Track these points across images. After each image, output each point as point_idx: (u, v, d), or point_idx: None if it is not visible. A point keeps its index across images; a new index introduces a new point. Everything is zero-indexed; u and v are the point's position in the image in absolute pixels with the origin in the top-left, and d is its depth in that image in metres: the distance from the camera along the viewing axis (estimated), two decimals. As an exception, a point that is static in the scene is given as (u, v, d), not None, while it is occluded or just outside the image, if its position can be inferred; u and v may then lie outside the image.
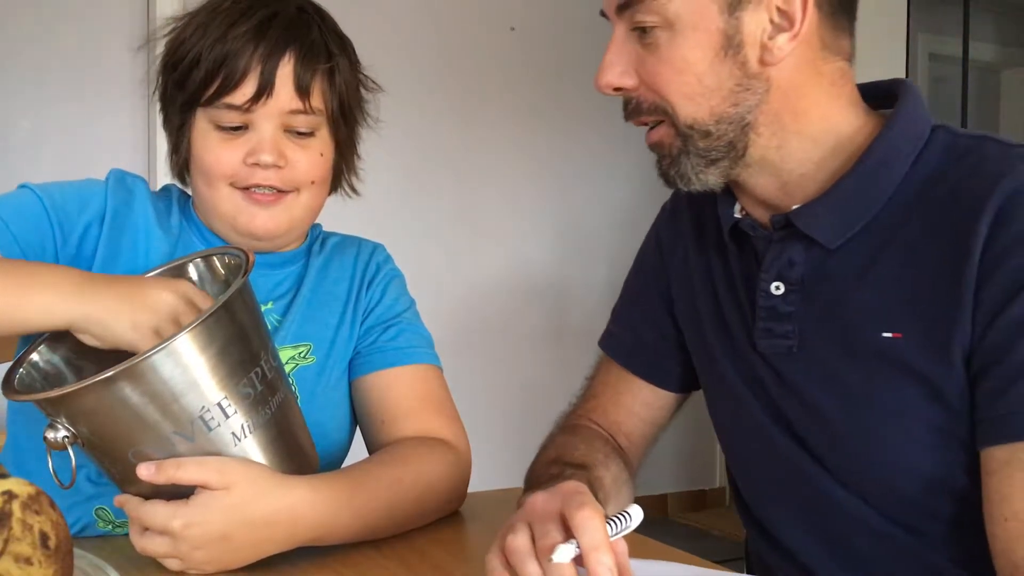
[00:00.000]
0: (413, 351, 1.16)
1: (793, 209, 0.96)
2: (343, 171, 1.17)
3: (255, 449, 0.90)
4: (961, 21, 4.55)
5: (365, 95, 1.16)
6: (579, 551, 0.70)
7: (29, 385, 0.93)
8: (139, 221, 1.09)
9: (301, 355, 1.12)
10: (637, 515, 0.75)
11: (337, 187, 1.18)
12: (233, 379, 0.87)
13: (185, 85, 1.06)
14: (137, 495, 0.88)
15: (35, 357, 0.95)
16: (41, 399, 0.85)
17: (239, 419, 0.88)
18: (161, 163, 1.19)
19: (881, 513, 0.94)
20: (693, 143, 0.94)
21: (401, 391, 1.13)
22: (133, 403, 0.83)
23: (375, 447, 1.13)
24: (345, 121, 1.12)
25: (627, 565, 0.73)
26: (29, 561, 0.68)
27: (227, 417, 0.87)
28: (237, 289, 0.88)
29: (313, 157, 1.08)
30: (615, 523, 0.73)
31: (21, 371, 0.93)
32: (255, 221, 1.08)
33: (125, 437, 0.85)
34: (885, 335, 0.90)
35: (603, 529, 0.71)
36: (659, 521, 3.71)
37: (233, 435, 0.88)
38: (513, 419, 3.26)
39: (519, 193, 3.54)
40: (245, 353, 0.89)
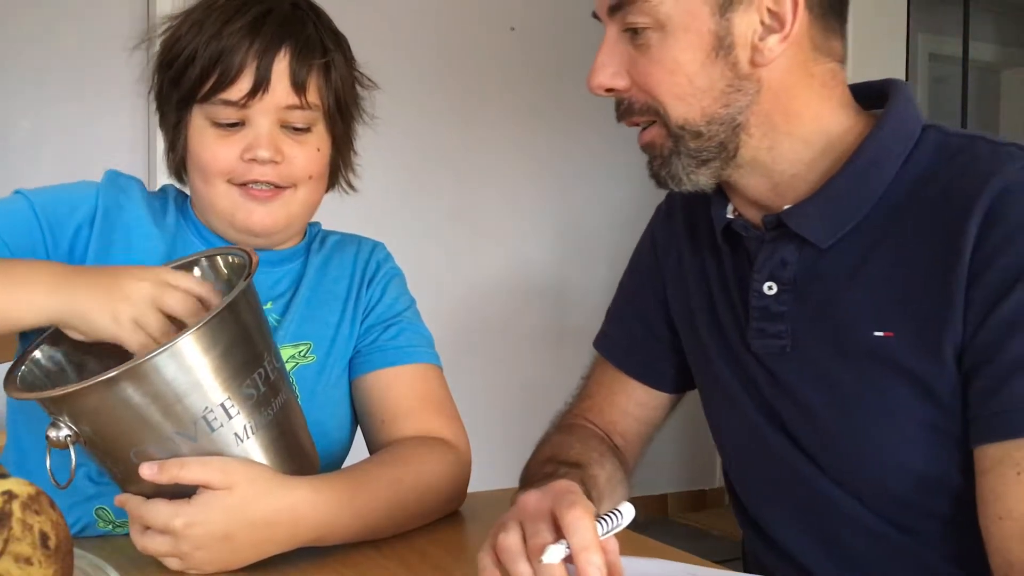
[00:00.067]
0: (413, 350, 1.16)
1: (784, 209, 0.96)
2: (340, 167, 1.17)
3: (257, 450, 0.89)
4: (961, 21, 4.55)
5: (361, 92, 1.16)
6: (569, 551, 0.71)
7: (31, 383, 0.92)
8: (131, 220, 1.09)
9: (301, 354, 1.12)
10: (628, 513, 0.75)
11: (334, 184, 1.19)
12: (237, 380, 0.87)
13: (181, 82, 1.06)
14: (138, 494, 0.88)
15: (37, 354, 0.94)
16: (44, 398, 0.85)
17: (242, 420, 0.88)
18: (161, 163, 1.19)
19: (875, 512, 0.94)
20: (684, 144, 0.94)
21: (401, 391, 1.13)
22: (136, 403, 0.83)
23: (375, 446, 1.13)
24: (341, 117, 1.13)
25: (618, 563, 0.73)
26: (29, 561, 0.68)
27: (230, 418, 0.87)
28: (242, 290, 0.88)
29: (310, 153, 1.09)
30: (606, 521, 0.74)
31: (23, 368, 0.92)
32: (252, 217, 1.08)
33: (128, 436, 0.85)
34: (877, 334, 0.91)
35: (593, 529, 0.71)
36: (659, 521, 3.71)
37: (236, 436, 0.88)
38: (513, 419, 3.26)
39: (519, 193, 3.54)
40: (249, 354, 0.89)
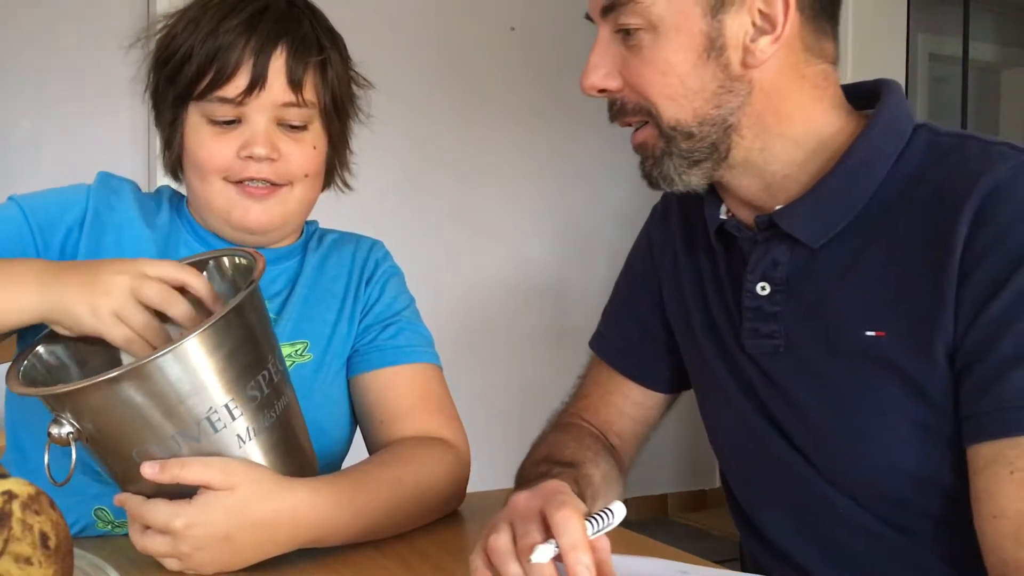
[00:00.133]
0: (412, 350, 1.16)
1: (776, 210, 0.96)
2: (336, 166, 1.17)
3: (259, 451, 0.90)
4: (961, 21, 4.54)
5: (357, 92, 1.16)
6: (558, 550, 0.71)
7: (34, 378, 0.92)
8: (122, 220, 1.10)
9: (298, 352, 1.12)
10: (620, 512, 0.75)
11: (330, 183, 1.19)
12: (241, 382, 0.87)
13: (177, 80, 1.06)
14: (138, 494, 0.88)
15: (40, 349, 0.94)
16: (47, 394, 0.85)
17: (245, 421, 0.88)
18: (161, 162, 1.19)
19: (870, 512, 0.94)
20: (676, 144, 0.94)
21: (400, 390, 1.13)
22: (140, 402, 0.83)
23: (374, 446, 1.13)
24: (337, 115, 1.13)
25: (609, 562, 0.73)
26: (29, 561, 0.68)
27: (233, 419, 0.87)
28: (248, 293, 0.88)
29: (306, 150, 1.09)
30: (597, 521, 0.74)
31: (25, 363, 0.92)
32: (249, 215, 1.08)
33: (130, 435, 0.85)
34: (868, 334, 0.91)
35: (581, 528, 0.71)
36: (659, 521, 3.71)
37: (238, 437, 0.88)
38: (513, 419, 3.25)
39: (519, 193, 3.55)
40: (254, 356, 0.89)
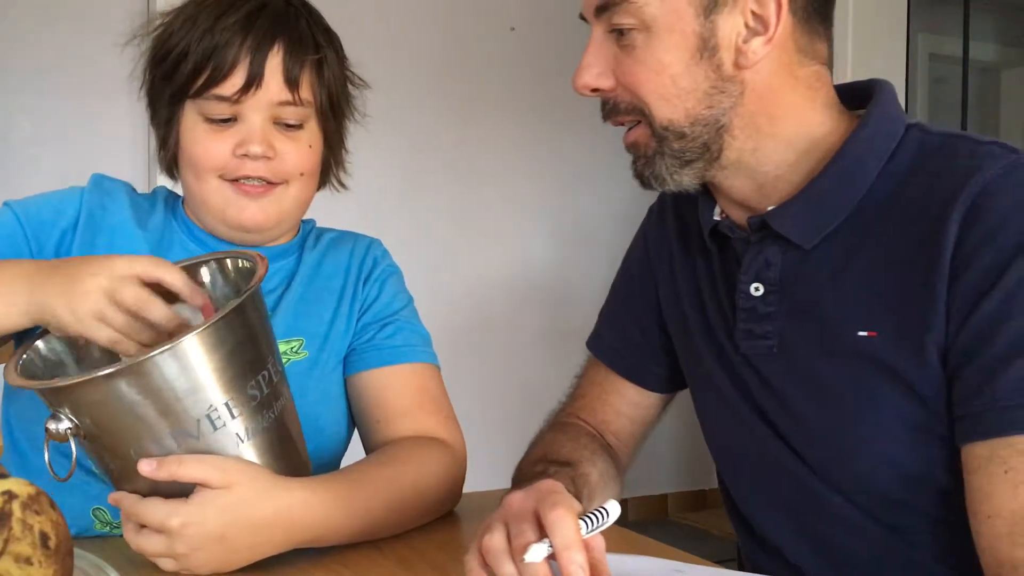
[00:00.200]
0: (410, 349, 1.16)
1: (769, 210, 0.96)
2: (331, 165, 1.18)
3: (255, 451, 0.90)
4: (961, 21, 4.54)
5: (353, 91, 1.17)
6: (552, 549, 0.71)
7: (32, 373, 0.92)
8: (115, 222, 1.10)
9: (293, 350, 1.12)
10: (614, 511, 0.75)
11: (326, 182, 1.19)
12: (241, 381, 0.87)
13: (173, 78, 1.06)
14: (133, 493, 0.87)
15: (39, 345, 0.94)
16: (47, 388, 0.85)
17: (244, 421, 0.88)
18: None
19: (865, 512, 0.95)
20: (668, 144, 0.94)
21: (397, 390, 1.13)
22: (138, 399, 0.83)
23: (371, 446, 1.13)
24: (333, 114, 1.13)
25: (603, 561, 0.73)
26: (29, 561, 0.68)
27: (233, 418, 0.87)
28: (250, 294, 0.89)
29: (302, 149, 1.09)
30: (591, 520, 0.74)
31: (24, 357, 0.92)
32: (244, 213, 1.08)
33: (128, 432, 0.85)
34: (861, 334, 0.91)
35: (575, 527, 0.71)
36: (659, 521, 3.71)
37: (237, 436, 0.88)
38: (512, 419, 3.25)
39: (519, 193, 3.54)
40: (254, 356, 0.89)
